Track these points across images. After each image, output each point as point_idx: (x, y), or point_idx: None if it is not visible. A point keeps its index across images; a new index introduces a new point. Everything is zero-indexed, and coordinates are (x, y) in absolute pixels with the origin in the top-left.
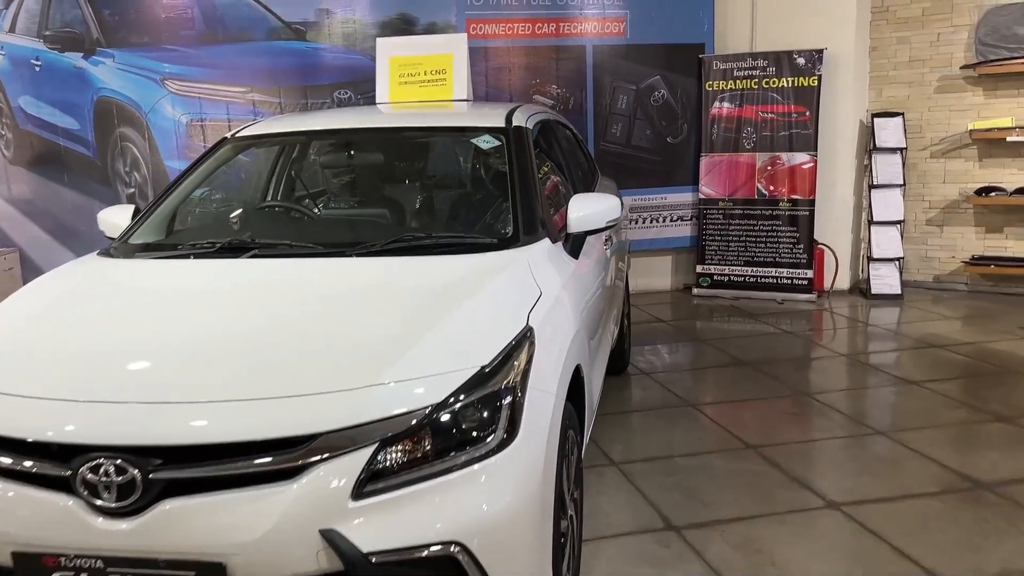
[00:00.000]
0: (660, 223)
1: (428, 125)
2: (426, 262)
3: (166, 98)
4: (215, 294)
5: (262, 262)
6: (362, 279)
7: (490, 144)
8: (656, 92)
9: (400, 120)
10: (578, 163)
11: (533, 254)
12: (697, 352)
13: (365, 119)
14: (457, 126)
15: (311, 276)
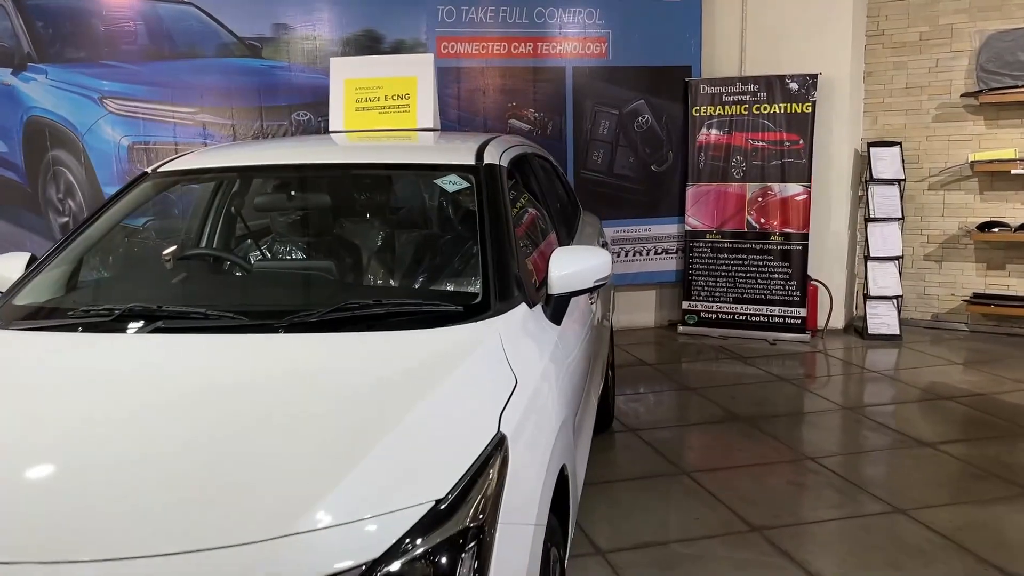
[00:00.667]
0: (644, 256)
1: (384, 162)
2: (373, 341)
3: (105, 119)
4: (98, 395)
5: (167, 340)
6: (288, 369)
7: (457, 186)
8: (640, 117)
9: (351, 155)
10: (558, 199)
11: (507, 327)
12: (686, 403)
13: (311, 153)
14: (419, 163)
15: (224, 365)
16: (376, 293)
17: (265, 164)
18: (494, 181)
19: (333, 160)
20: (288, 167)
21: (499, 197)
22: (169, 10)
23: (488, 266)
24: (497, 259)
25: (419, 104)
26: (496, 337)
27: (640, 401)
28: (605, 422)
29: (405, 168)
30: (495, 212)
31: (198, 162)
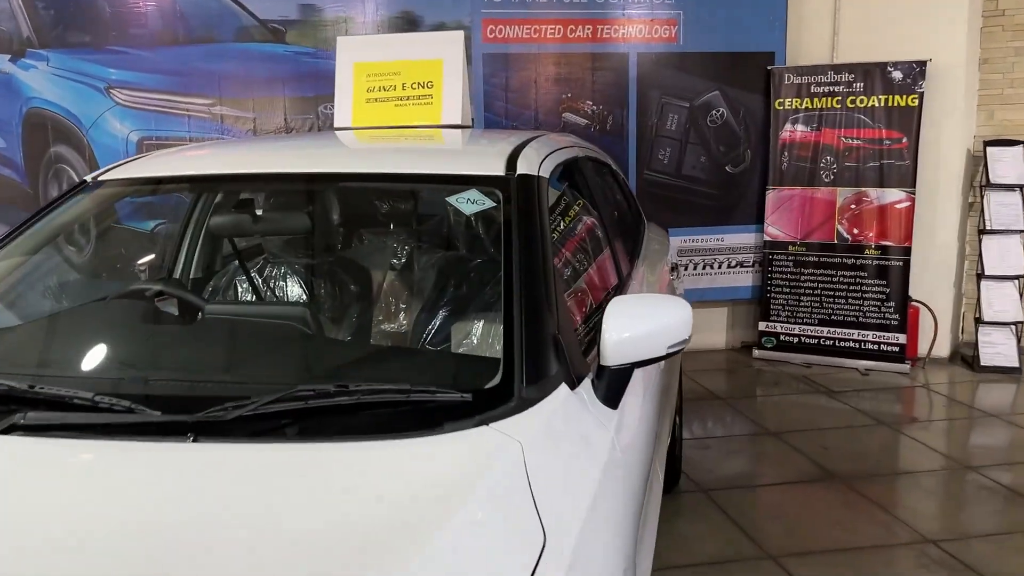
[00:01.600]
0: (715, 269)
1: (380, 171)
2: (321, 463)
3: (112, 111)
4: None
5: (25, 448)
6: (196, 513)
7: (479, 206)
8: (714, 111)
9: (341, 162)
10: (617, 212)
11: (535, 433)
12: (767, 452)
13: (293, 158)
14: (427, 174)
15: (86, 504)
16: (349, 369)
17: (227, 173)
18: (529, 199)
19: (316, 169)
20: (256, 177)
21: (535, 222)
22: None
23: (513, 327)
24: (528, 316)
25: (445, 94)
26: (515, 455)
27: (712, 448)
28: (671, 480)
29: (408, 180)
30: (528, 244)
31: (150, 169)
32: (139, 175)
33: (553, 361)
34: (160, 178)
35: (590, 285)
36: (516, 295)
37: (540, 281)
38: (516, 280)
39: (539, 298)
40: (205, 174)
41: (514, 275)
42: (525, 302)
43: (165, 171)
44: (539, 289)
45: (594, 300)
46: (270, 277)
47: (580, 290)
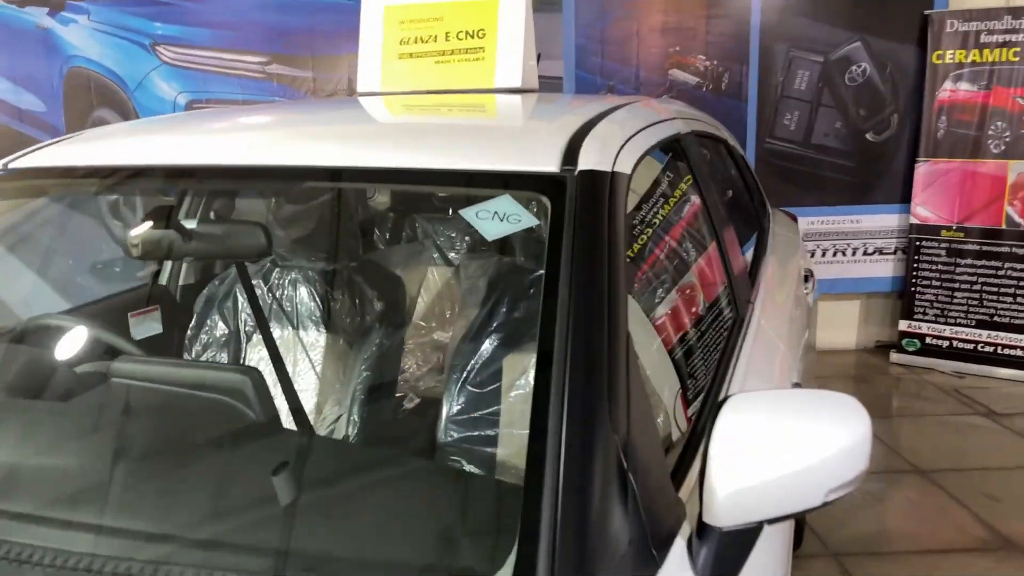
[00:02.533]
0: (848, 257)
1: (367, 166)
2: None
3: (158, 71)
4: None
5: None
6: None
7: (510, 224)
8: (854, 66)
9: (321, 147)
10: (736, 212)
11: None
12: (915, 500)
13: (258, 143)
14: (435, 170)
15: None
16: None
17: (165, 165)
18: (593, 212)
19: (287, 159)
20: (202, 171)
21: (601, 251)
22: None
23: (544, 464)
24: (571, 441)
25: (500, 48)
26: None
27: None
28: (796, 538)
29: (402, 179)
30: (587, 296)
31: (73, 154)
32: (50, 165)
33: (615, 524)
34: (71, 169)
35: (695, 339)
36: (556, 395)
37: (601, 365)
38: (559, 371)
39: (596, 399)
40: (143, 165)
41: (556, 364)
42: (570, 409)
43: (79, 160)
44: (598, 381)
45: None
46: (278, 285)
47: (678, 354)
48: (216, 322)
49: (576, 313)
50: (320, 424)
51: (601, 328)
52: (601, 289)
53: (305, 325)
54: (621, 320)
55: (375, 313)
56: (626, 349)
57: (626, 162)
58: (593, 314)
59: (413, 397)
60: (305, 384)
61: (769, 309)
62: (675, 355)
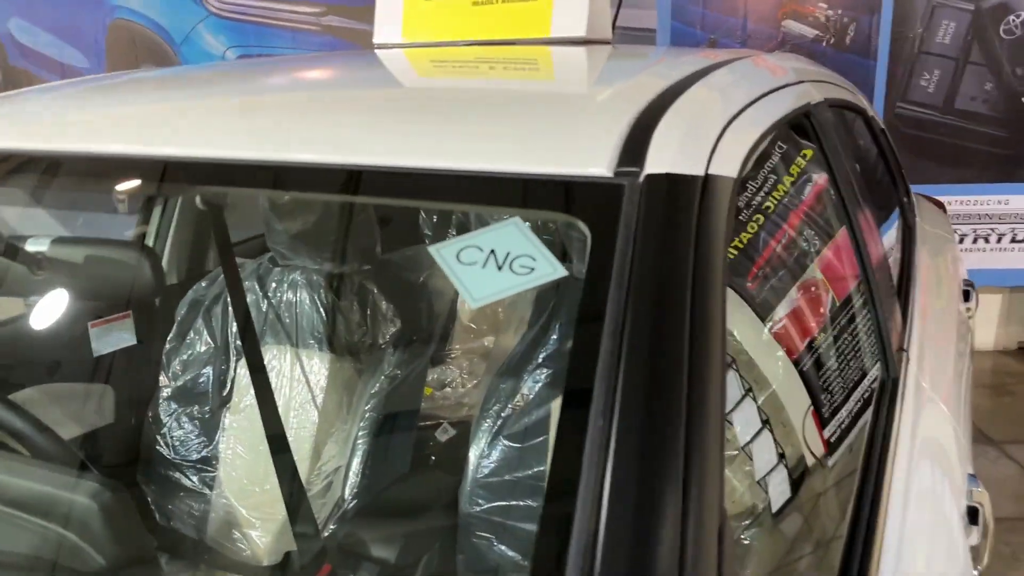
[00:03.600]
0: (992, 244)
1: (335, 162)
2: None
3: (206, 23)
4: None
5: None
6: None
7: (514, 274)
8: (1012, 16)
9: (284, 136)
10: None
11: None
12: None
13: (199, 121)
14: (425, 171)
15: None
16: None
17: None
18: (667, 245)
19: (228, 154)
20: (137, 163)
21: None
22: None
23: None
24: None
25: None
26: None
27: None
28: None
29: (381, 180)
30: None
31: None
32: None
33: None
34: (26, 152)
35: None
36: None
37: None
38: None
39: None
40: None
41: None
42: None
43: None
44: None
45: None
46: (277, 290)
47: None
48: (201, 334)
49: (644, 388)
50: (316, 478)
51: (675, 410)
52: (679, 366)
53: (306, 342)
54: (716, 393)
55: (390, 332)
56: (720, 435)
57: (730, 158)
58: (670, 387)
59: (448, 428)
60: (303, 419)
61: (930, 361)
62: (803, 369)
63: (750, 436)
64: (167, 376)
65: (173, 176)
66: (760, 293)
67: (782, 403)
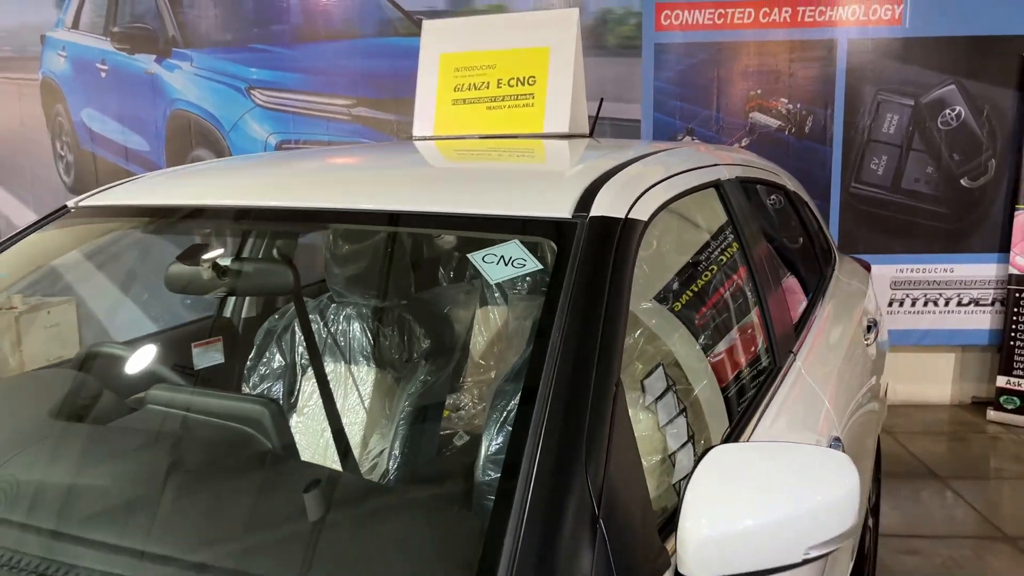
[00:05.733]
0: (940, 307)
1: (380, 209)
2: None
3: (252, 113)
4: None
5: None
6: None
7: (515, 268)
8: (948, 110)
9: (349, 194)
10: (787, 256)
11: None
12: (1003, 568)
13: (303, 183)
14: (452, 214)
15: None
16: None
17: (216, 205)
18: (600, 257)
19: (317, 202)
20: (249, 212)
21: (599, 295)
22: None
23: (512, 498)
24: (542, 477)
25: (550, 94)
26: None
27: (921, 553)
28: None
29: (417, 222)
30: (581, 332)
31: (139, 194)
32: (129, 202)
33: (579, 569)
34: (136, 208)
35: (716, 377)
36: (534, 432)
37: (582, 410)
38: (540, 408)
39: (572, 440)
40: (195, 205)
41: (539, 399)
42: (544, 447)
43: (142, 200)
44: (575, 425)
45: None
46: (333, 320)
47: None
48: (274, 354)
49: (563, 357)
50: (365, 458)
51: (587, 375)
52: (593, 337)
53: (356, 360)
54: (612, 368)
55: (422, 350)
56: (613, 399)
57: (643, 209)
58: (581, 360)
59: (463, 435)
60: (354, 418)
61: (813, 359)
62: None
63: (669, 419)
64: (247, 387)
65: (264, 218)
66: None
67: (695, 388)
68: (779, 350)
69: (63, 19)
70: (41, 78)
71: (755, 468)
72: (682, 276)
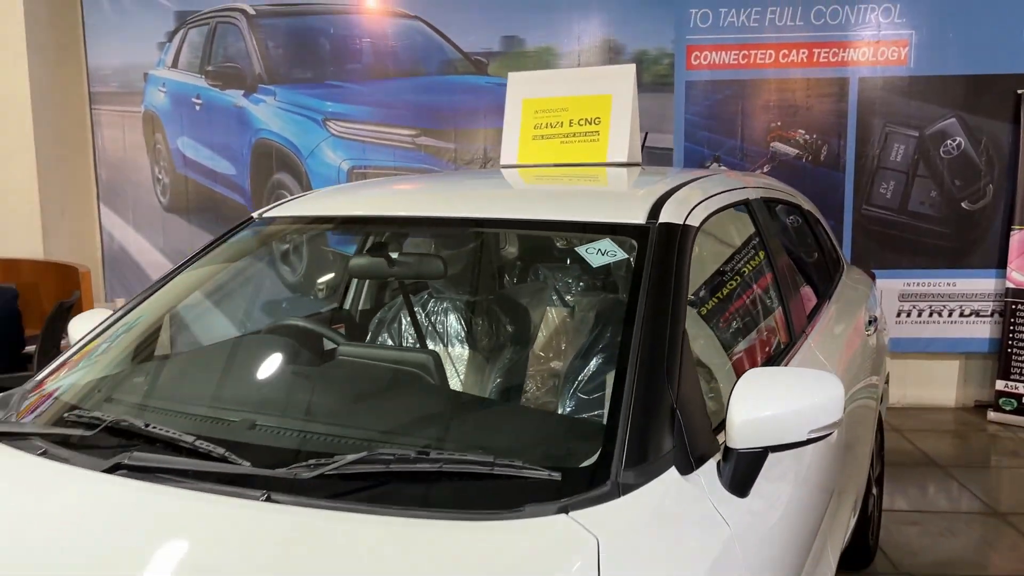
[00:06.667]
0: (944, 318)
1: (507, 216)
2: (392, 539)
3: (327, 141)
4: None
5: (112, 491)
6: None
7: (609, 257)
8: (949, 140)
9: (478, 204)
10: (802, 260)
11: (620, 529)
12: (991, 538)
13: (434, 200)
14: (561, 220)
15: (162, 553)
16: (452, 425)
17: (375, 216)
18: (667, 251)
19: (454, 213)
20: (397, 220)
21: (668, 277)
22: (395, 25)
23: (623, 397)
24: (642, 384)
25: (612, 132)
26: (588, 556)
27: (920, 525)
28: (861, 557)
29: (538, 227)
30: (656, 302)
31: (308, 208)
32: (299, 213)
33: (665, 440)
34: (309, 217)
35: (747, 348)
36: (632, 361)
37: (663, 344)
38: (636, 343)
39: (658, 365)
40: (357, 215)
41: (634, 337)
42: (640, 369)
43: (322, 210)
44: (660, 353)
45: (750, 365)
46: (433, 312)
47: (733, 353)
48: (385, 339)
49: (647, 314)
50: None
51: (664, 328)
52: (667, 301)
53: (452, 343)
54: (680, 323)
55: (507, 335)
56: (681, 346)
57: (696, 217)
58: (660, 317)
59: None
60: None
61: (820, 338)
62: (731, 356)
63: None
64: None
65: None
66: (718, 304)
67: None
68: (795, 332)
69: (163, 59)
70: (143, 111)
71: (776, 380)
72: (719, 275)
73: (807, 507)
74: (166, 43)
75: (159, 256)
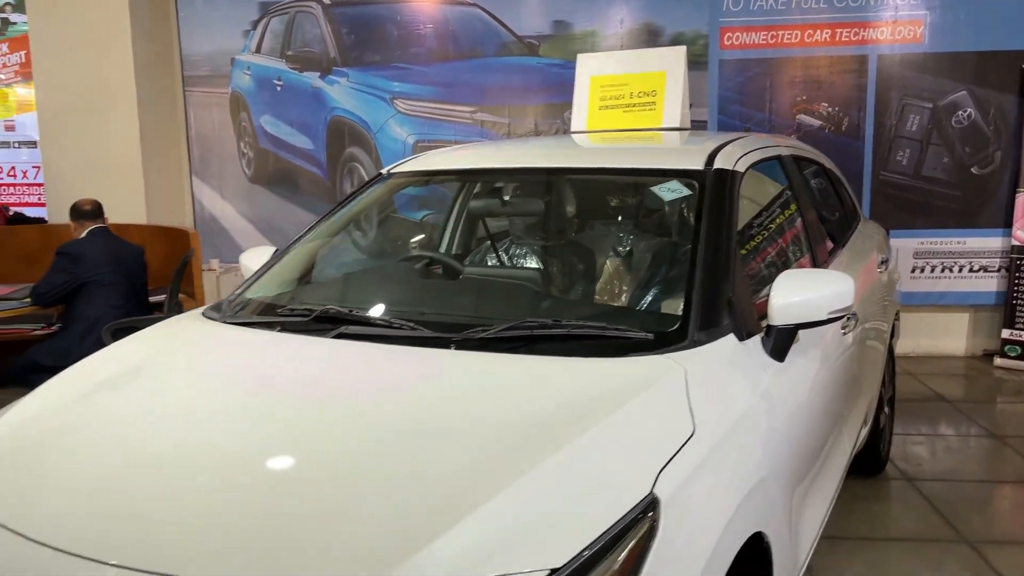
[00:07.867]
0: (955, 273)
1: (598, 166)
2: (540, 368)
3: (394, 118)
4: (244, 399)
5: (344, 347)
6: (440, 394)
7: (676, 194)
8: (960, 111)
9: (568, 158)
10: (828, 208)
11: (699, 362)
12: (988, 453)
13: (532, 155)
14: (637, 168)
15: (380, 382)
16: (565, 310)
17: (484, 168)
18: (721, 189)
19: (546, 164)
20: (504, 171)
21: (723, 208)
22: (456, 12)
23: (694, 288)
24: (706, 280)
25: (666, 101)
26: (679, 375)
27: (926, 444)
28: (873, 465)
29: (621, 173)
30: (715, 225)
31: (430, 164)
32: (421, 168)
33: (724, 316)
34: (437, 171)
35: (779, 264)
36: (700, 265)
37: (721, 254)
38: (702, 253)
39: (718, 267)
40: (470, 168)
41: (700, 250)
42: (704, 270)
43: (440, 166)
44: (719, 260)
45: None
46: (514, 255)
47: (770, 266)
48: None
49: (709, 234)
50: None
51: (721, 242)
52: (722, 224)
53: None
54: (732, 240)
55: (577, 269)
56: (734, 255)
57: (742, 165)
58: (718, 235)
59: None
60: None
61: (837, 262)
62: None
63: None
64: None
65: (506, 174)
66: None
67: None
68: (819, 261)
69: (248, 45)
70: (230, 92)
71: (805, 276)
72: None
73: (829, 388)
74: (250, 31)
75: (244, 223)
